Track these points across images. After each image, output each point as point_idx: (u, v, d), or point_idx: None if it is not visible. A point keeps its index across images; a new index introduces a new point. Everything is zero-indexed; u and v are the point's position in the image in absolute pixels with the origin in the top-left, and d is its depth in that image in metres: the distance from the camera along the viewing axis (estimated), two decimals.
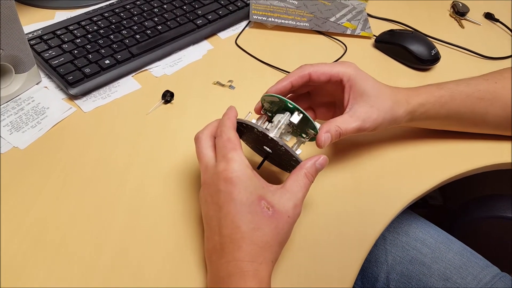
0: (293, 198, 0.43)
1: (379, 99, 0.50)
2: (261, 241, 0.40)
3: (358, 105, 0.50)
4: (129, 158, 0.54)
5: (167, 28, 0.71)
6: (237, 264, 0.39)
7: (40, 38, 0.66)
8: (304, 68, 0.51)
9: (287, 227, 0.42)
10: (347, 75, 0.50)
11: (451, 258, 0.63)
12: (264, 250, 0.40)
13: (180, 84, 0.65)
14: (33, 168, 0.52)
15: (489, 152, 0.59)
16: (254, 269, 0.39)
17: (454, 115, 0.55)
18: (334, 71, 0.51)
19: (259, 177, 0.43)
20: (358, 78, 0.50)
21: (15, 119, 0.57)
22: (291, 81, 0.50)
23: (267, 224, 0.41)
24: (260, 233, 0.40)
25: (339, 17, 0.81)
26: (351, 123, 0.49)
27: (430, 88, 0.55)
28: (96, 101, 0.61)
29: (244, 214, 0.40)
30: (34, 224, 0.47)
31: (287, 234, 0.43)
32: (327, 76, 0.51)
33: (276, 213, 0.41)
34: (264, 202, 0.41)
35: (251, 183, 0.41)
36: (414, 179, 0.55)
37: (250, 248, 0.39)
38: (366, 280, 0.66)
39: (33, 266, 0.44)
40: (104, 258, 0.45)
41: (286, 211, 0.42)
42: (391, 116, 0.51)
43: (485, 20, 0.87)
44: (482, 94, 0.55)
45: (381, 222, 0.51)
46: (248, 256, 0.39)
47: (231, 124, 0.45)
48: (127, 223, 0.48)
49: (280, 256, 0.46)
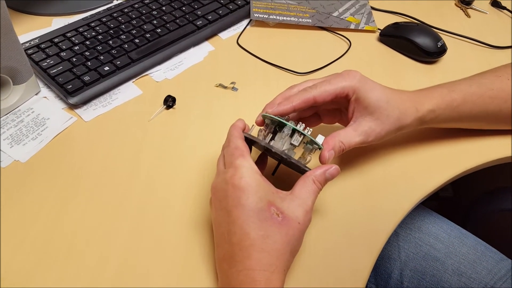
0: (303, 204, 0.42)
1: (386, 111, 0.49)
2: (271, 249, 0.39)
3: (362, 118, 0.49)
4: (133, 167, 0.54)
5: (166, 30, 0.70)
6: (248, 273, 0.38)
7: (37, 47, 0.65)
8: (307, 92, 0.49)
9: (298, 234, 0.41)
10: (352, 89, 0.49)
11: (464, 253, 0.63)
12: (275, 258, 0.39)
13: (182, 88, 0.64)
14: (35, 181, 0.51)
15: (500, 145, 0.58)
16: (266, 278, 0.38)
17: (466, 117, 0.54)
18: (339, 88, 0.49)
19: (268, 182, 0.42)
20: (363, 90, 0.49)
21: (15, 132, 0.56)
22: (294, 106, 0.48)
23: (277, 231, 0.40)
24: (270, 240, 0.39)
25: (342, 11, 0.79)
26: (354, 138, 0.48)
27: (441, 91, 0.53)
28: (96, 109, 0.60)
29: (253, 221, 0.39)
30: (38, 237, 0.46)
31: (298, 242, 0.42)
32: (333, 96, 0.49)
33: (286, 219, 0.40)
34: (273, 208, 0.40)
35: (260, 188, 0.41)
36: (425, 175, 0.54)
37: (260, 256, 0.39)
38: (379, 277, 0.66)
39: (39, 278, 0.43)
40: (110, 268, 0.44)
41: (296, 217, 0.41)
42: (397, 126, 0.50)
43: (491, 8, 0.85)
44: (496, 93, 0.54)
45: (393, 220, 0.50)
46: (259, 264, 0.38)
47: (238, 133, 0.45)
48: (133, 232, 0.47)
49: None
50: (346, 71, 0.50)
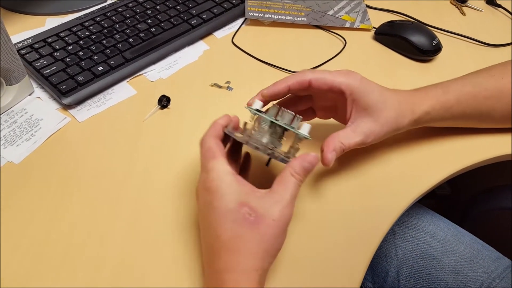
0: (280, 200, 0.40)
1: (383, 112, 0.49)
2: (242, 249, 0.38)
3: (361, 120, 0.49)
4: (127, 167, 0.53)
5: (161, 30, 0.70)
6: (218, 276, 0.38)
7: (30, 47, 0.64)
8: (304, 74, 0.49)
9: (272, 231, 0.39)
10: (350, 89, 0.48)
11: (461, 251, 0.63)
12: (246, 258, 0.38)
13: (177, 87, 0.64)
14: (29, 182, 0.51)
15: (497, 143, 0.58)
16: (233, 280, 0.37)
17: (459, 117, 0.54)
18: (337, 82, 0.49)
19: (244, 182, 0.41)
20: (362, 91, 0.48)
21: (9, 133, 0.55)
22: (289, 85, 0.48)
23: (249, 231, 0.39)
24: (241, 241, 0.38)
25: (337, 10, 0.79)
26: (353, 138, 0.48)
27: (436, 92, 0.53)
28: (90, 109, 0.60)
29: (224, 222, 0.39)
30: (34, 239, 0.46)
31: (276, 239, 0.40)
32: (329, 86, 0.49)
33: (259, 218, 0.39)
34: (246, 208, 0.39)
35: (231, 190, 0.40)
36: (422, 173, 0.54)
37: (228, 258, 0.38)
38: (376, 275, 0.66)
39: (35, 281, 0.43)
40: (106, 268, 0.44)
41: (271, 214, 0.39)
42: (394, 128, 0.50)
43: (487, 6, 0.85)
44: (489, 93, 0.54)
45: (389, 218, 0.50)
46: (227, 266, 0.38)
47: (213, 132, 0.44)
48: (128, 233, 0.47)
49: (287, 256, 0.45)
50: (348, 70, 0.50)
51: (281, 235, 0.40)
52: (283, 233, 0.40)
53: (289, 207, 0.40)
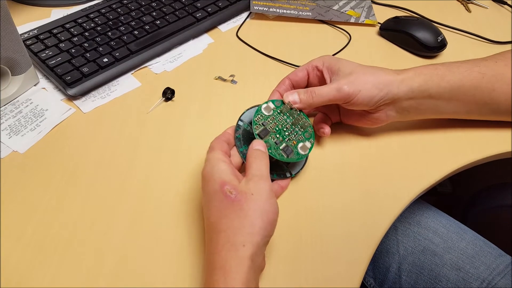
0: (255, 173, 0.42)
1: (362, 68, 0.51)
2: (228, 227, 0.39)
3: (337, 78, 0.51)
4: (131, 158, 0.53)
5: (165, 22, 0.70)
6: (211, 258, 0.39)
7: (36, 38, 0.64)
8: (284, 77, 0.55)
9: (254, 205, 0.40)
10: (321, 61, 0.53)
11: (463, 248, 0.62)
12: (231, 235, 0.38)
13: (181, 80, 0.64)
14: (34, 172, 0.51)
15: (500, 140, 0.58)
16: (222, 258, 0.38)
17: (457, 91, 0.52)
18: (307, 64, 0.54)
19: (231, 166, 0.43)
20: (334, 59, 0.53)
21: (14, 123, 0.56)
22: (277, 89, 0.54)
23: (231, 208, 0.39)
24: (225, 220, 0.39)
25: (342, 4, 0.79)
26: (326, 90, 0.50)
27: (424, 66, 0.54)
28: (95, 101, 0.60)
29: (212, 205, 0.40)
30: (37, 229, 0.46)
31: (259, 212, 0.39)
32: (303, 70, 0.54)
33: (239, 194, 0.40)
34: (227, 186, 0.40)
35: (217, 171, 0.42)
36: (424, 169, 0.54)
37: (217, 238, 0.39)
38: (378, 271, 0.66)
39: (38, 271, 0.43)
40: (109, 260, 0.44)
41: (249, 188, 0.41)
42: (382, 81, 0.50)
43: (492, 3, 0.85)
44: (483, 70, 0.52)
45: (391, 214, 0.50)
46: (217, 246, 0.38)
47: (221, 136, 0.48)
48: (131, 225, 0.47)
49: (289, 251, 0.45)
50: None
51: (265, 208, 0.40)
52: (267, 205, 0.40)
53: (264, 179, 0.42)
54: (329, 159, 0.54)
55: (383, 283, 0.65)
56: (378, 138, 0.57)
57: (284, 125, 0.49)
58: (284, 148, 0.48)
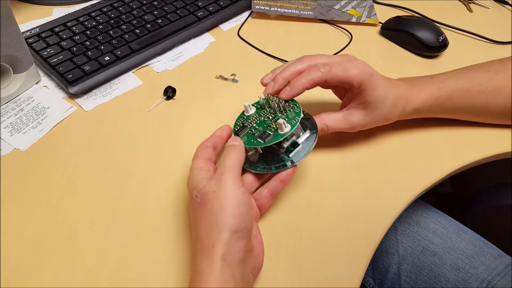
0: (220, 169, 0.41)
1: (379, 110, 0.51)
2: (199, 232, 0.39)
3: (355, 110, 0.51)
4: (132, 157, 0.54)
5: (167, 21, 0.70)
6: (191, 266, 0.40)
7: (38, 36, 0.64)
8: (319, 71, 0.48)
9: (217, 202, 0.38)
10: (359, 83, 0.49)
11: (463, 248, 0.63)
12: (203, 238, 0.38)
13: (182, 79, 0.64)
14: (35, 170, 0.51)
15: (500, 140, 0.58)
16: (197, 263, 0.38)
17: (451, 111, 0.56)
18: (349, 78, 0.49)
19: (205, 172, 0.42)
20: (369, 88, 0.49)
21: (15, 120, 0.56)
22: (307, 87, 0.49)
23: (199, 212, 0.39)
24: (198, 224, 0.39)
25: (344, 4, 0.79)
26: (340, 124, 0.51)
27: (430, 88, 0.54)
28: (97, 99, 0.60)
29: (190, 213, 0.41)
30: (37, 227, 0.46)
31: (224, 208, 0.38)
32: (341, 81, 0.49)
33: (203, 196, 0.39)
34: (195, 192, 0.40)
35: (191, 180, 0.42)
36: (424, 169, 0.54)
37: (195, 243, 0.39)
38: (377, 271, 0.66)
39: (38, 270, 0.43)
40: (109, 259, 0.44)
41: (211, 187, 0.39)
42: (382, 122, 0.53)
43: (494, 3, 0.85)
44: (483, 88, 0.54)
45: (391, 214, 0.50)
46: (195, 251, 0.39)
47: (209, 140, 0.47)
48: (132, 223, 0.47)
49: (288, 252, 0.45)
50: (362, 62, 0.49)
51: (228, 202, 0.38)
52: (231, 199, 0.39)
53: (225, 173, 0.40)
54: (329, 159, 0.54)
55: (383, 283, 0.65)
56: (378, 138, 0.57)
57: (265, 115, 0.49)
58: (261, 135, 0.46)
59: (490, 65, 0.57)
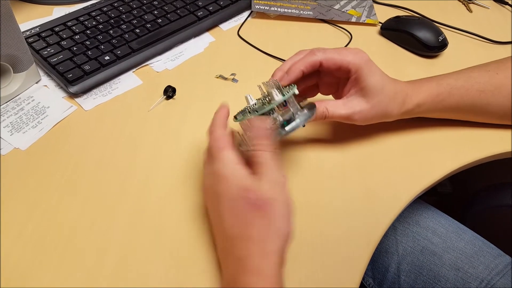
0: (273, 179, 0.41)
1: (378, 97, 0.51)
2: (254, 235, 0.39)
3: (355, 97, 0.51)
4: (132, 156, 0.54)
5: (167, 21, 0.70)
6: (239, 263, 0.39)
7: (38, 36, 0.64)
8: (315, 56, 0.50)
9: (278, 211, 0.40)
10: (355, 68, 0.50)
11: (462, 248, 0.63)
12: (260, 243, 0.39)
13: (182, 78, 0.64)
14: (35, 169, 0.51)
15: (498, 140, 0.58)
16: (256, 266, 0.38)
17: (451, 109, 0.56)
18: (345, 62, 0.50)
19: (247, 171, 0.42)
20: (365, 72, 0.50)
21: (15, 120, 0.56)
22: (303, 69, 0.50)
23: (257, 216, 0.39)
24: (251, 227, 0.39)
25: (344, 4, 0.79)
26: (340, 109, 0.51)
27: (429, 85, 0.54)
28: (96, 98, 0.60)
29: (234, 211, 0.40)
30: (37, 227, 0.46)
31: (283, 218, 0.40)
32: (337, 66, 0.51)
33: (264, 201, 0.40)
34: (251, 194, 0.40)
35: (237, 179, 0.41)
36: (424, 169, 0.54)
37: (244, 245, 0.39)
38: (377, 270, 0.66)
39: (38, 270, 0.43)
40: (109, 259, 0.44)
41: (269, 192, 0.40)
42: (382, 113, 0.52)
43: (493, 3, 0.85)
44: (483, 87, 0.54)
45: (390, 213, 0.50)
46: (247, 252, 0.39)
47: (221, 121, 0.45)
48: (132, 223, 0.47)
49: (288, 251, 0.45)
50: (356, 49, 0.51)
51: (287, 212, 0.41)
52: (288, 209, 0.41)
53: (281, 184, 0.41)
54: (329, 159, 0.54)
55: (382, 283, 0.65)
56: (378, 137, 0.57)
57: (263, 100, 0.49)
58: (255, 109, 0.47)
59: (490, 64, 0.57)
